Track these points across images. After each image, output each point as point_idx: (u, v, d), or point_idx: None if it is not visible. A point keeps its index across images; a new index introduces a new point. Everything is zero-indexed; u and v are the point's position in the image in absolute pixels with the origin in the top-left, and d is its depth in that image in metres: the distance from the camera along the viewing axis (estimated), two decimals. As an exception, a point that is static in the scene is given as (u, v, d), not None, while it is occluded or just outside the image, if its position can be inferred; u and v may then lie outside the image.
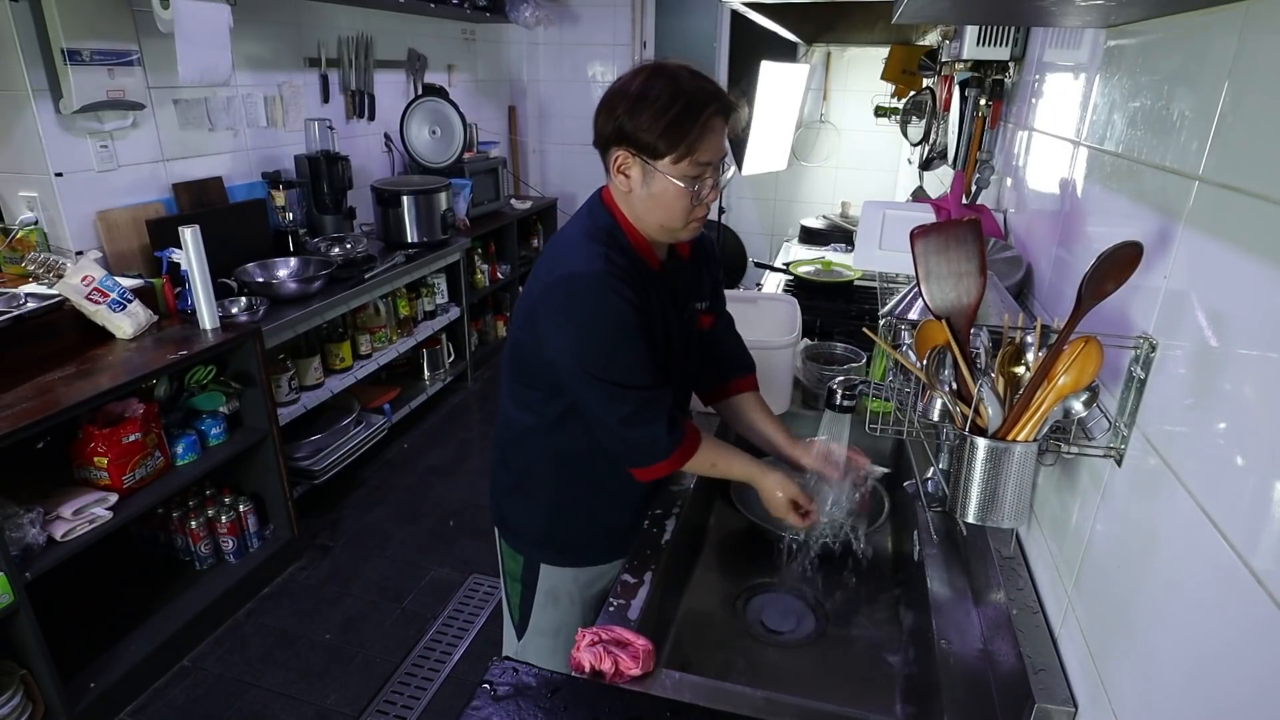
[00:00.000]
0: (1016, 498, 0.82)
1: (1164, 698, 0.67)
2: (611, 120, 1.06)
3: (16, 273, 2.15)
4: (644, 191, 1.08)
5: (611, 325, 1.06)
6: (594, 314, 1.05)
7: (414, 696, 2.07)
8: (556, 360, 1.10)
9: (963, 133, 1.96)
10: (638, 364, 1.09)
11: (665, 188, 1.07)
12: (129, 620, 2.13)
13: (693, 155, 1.04)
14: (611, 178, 1.12)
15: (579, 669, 0.93)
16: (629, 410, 1.09)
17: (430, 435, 3.50)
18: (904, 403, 1.00)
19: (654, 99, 1.02)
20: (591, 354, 1.07)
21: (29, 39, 2.09)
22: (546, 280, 1.09)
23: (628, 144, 1.06)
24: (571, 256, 1.09)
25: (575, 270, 1.06)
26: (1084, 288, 0.75)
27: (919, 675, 1.13)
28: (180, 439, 2.15)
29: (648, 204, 1.10)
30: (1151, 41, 0.89)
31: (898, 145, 4.07)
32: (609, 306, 1.05)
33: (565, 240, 1.15)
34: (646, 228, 1.13)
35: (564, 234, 1.17)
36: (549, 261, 1.13)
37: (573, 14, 4.58)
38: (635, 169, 1.07)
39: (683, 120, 1.02)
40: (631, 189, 1.09)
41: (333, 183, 3.10)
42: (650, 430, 1.12)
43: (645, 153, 1.05)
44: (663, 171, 1.05)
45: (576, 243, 1.11)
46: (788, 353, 1.55)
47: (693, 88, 1.03)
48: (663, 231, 1.13)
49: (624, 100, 1.04)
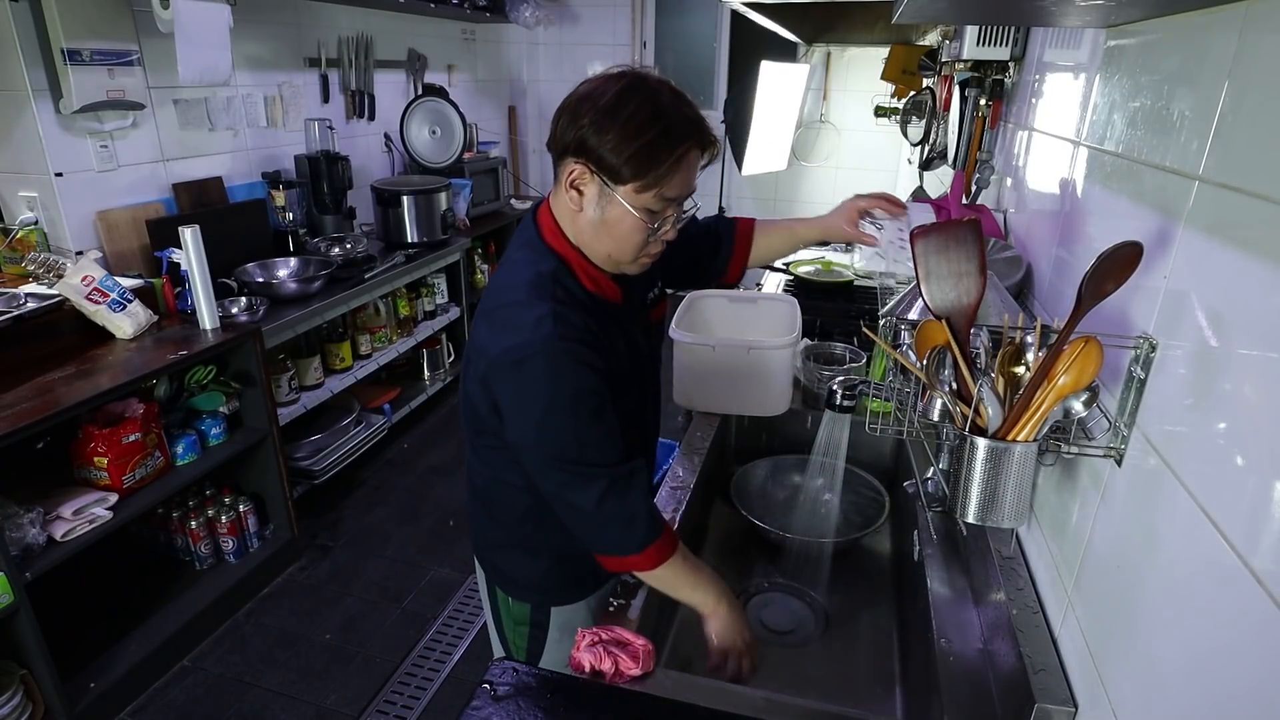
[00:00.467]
0: (1016, 498, 0.82)
1: (1164, 697, 0.67)
2: (574, 127, 0.92)
3: (16, 273, 2.15)
4: (595, 214, 0.95)
5: (573, 401, 0.93)
6: (552, 391, 0.93)
7: (414, 696, 2.07)
8: (516, 442, 0.99)
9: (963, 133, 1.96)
10: (607, 438, 0.97)
11: (621, 216, 0.94)
12: (129, 620, 2.14)
13: (659, 188, 0.92)
14: (559, 190, 0.98)
15: (579, 669, 0.93)
16: (603, 486, 0.96)
17: (430, 435, 3.50)
18: (904, 403, 1.00)
19: (628, 117, 0.89)
20: (554, 436, 0.95)
21: (29, 39, 2.09)
22: (493, 351, 0.95)
23: (588, 158, 0.92)
24: (516, 319, 0.94)
25: (522, 340, 0.92)
26: (1084, 288, 0.75)
27: (919, 675, 1.13)
28: (180, 439, 2.15)
29: (597, 229, 0.97)
30: (1151, 41, 0.89)
31: (898, 145, 4.07)
32: (568, 380, 0.93)
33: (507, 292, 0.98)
34: (591, 255, 1.00)
35: (505, 280, 1.00)
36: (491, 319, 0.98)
37: (573, 14, 4.58)
38: (591, 188, 0.94)
39: (656, 148, 0.90)
40: (582, 209, 0.96)
41: (333, 183, 3.10)
42: (629, 505, 0.99)
43: (606, 173, 0.92)
44: (622, 199, 0.93)
45: (519, 301, 0.95)
46: (788, 353, 1.55)
47: (674, 114, 0.91)
48: (609, 262, 1.01)
49: (591, 109, 0.91)
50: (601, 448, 0.97)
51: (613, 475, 0.97)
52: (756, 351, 1.49)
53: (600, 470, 0.97)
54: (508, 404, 0.97)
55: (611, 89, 0.91)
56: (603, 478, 0.97)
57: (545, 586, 1.20)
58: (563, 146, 0.95)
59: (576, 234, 0.99)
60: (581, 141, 0.92)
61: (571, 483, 0.97)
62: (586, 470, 0.96)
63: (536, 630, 1.22)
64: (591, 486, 0.96)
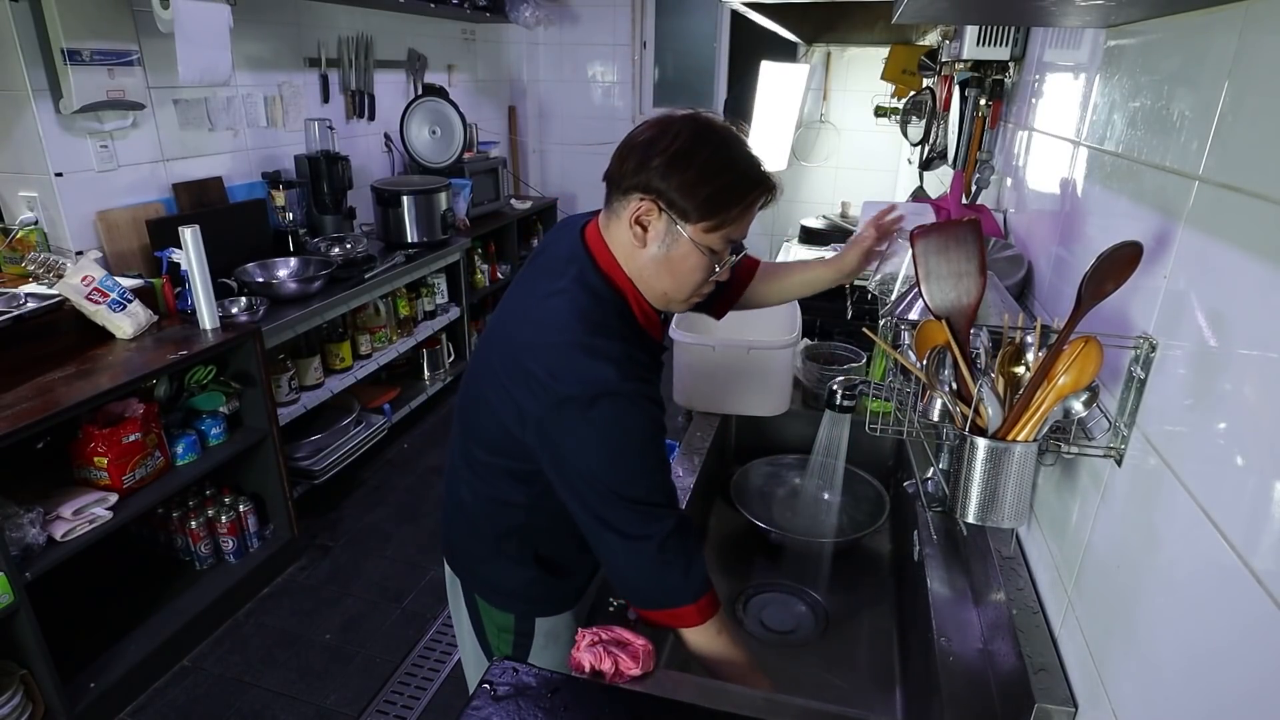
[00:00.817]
0: (1016, 498, 0.82)
1: (1164, 698, 0.67)
2: (644, 169, 0.93)
3: (16, 273, 2.15)
4: (659, 251, 0.96)
5: (648, 441, 0.94)
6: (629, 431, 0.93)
7: (414, 696, 2.07)
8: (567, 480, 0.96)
9: (963, 133, 1.95)
10: (669, 479, 0.99)
11: (687, 254, 0.95)
12: (129, 620, 2.14)
13: (727, 230, 0.95)
14: (621, 225, 0.97)
15: (579, 669, 0.93)
16: (670, 527, 0.95)
17: (430, 435, 3.50)
18: (904, 403, 1.00)
19: (702, 161, 0.92)
20: (628, 476, 0.94)
21: (29, 39, 2.09)
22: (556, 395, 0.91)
23: (657, 196, 0.93)
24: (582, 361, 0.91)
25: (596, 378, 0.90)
26: (1084, 288, 0.75)
27: (919, 675, 1.13)
28: (180, 439, 2.15)
29: (659, 266, 0.97)
30: (1151, 41, 0.89)
31: (898, 145, 4.07)
32: (645, 420, 0.93)
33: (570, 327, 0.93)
34: (645, 290, 1.00)
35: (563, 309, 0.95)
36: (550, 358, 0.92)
37: (573, 14, 4.58)
38: (659, 224, 0.95)
39: (731, 193, 0.94)
40: (645, 245, 0.96)
41: (333, 183, 3.10)
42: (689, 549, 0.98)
43: (676, 212, 0.93)
44: (690, 236, 0.94)
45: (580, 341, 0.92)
46: (788, 353, 1.55)
47: (746, 163, 0.96)
48: (661, 299, 1.01)
49: (663, 153, 0.92)
50: (668, 489, 0.98)
51: (679, 518, 0.97)
52: (756, 351, 1.49)
53: (668, 511, 0.96)
54: (574, 442, 0.93)
55: (683, 136, 0.93)
56: (670, 518, 0.96)
57: (530, 597, 1.17)
58: (630, 184, 0.95)
59: (636, 269, 0.99)
60: (652, 180, 0.93)
61: (638, 521, 0.95)
62: (656, 510, 0.95)
63: (521, 638, 1.19)
64: (659, 525, 0.95)
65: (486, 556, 1.15)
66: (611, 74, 4.69)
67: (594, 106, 4.78)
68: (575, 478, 0.95)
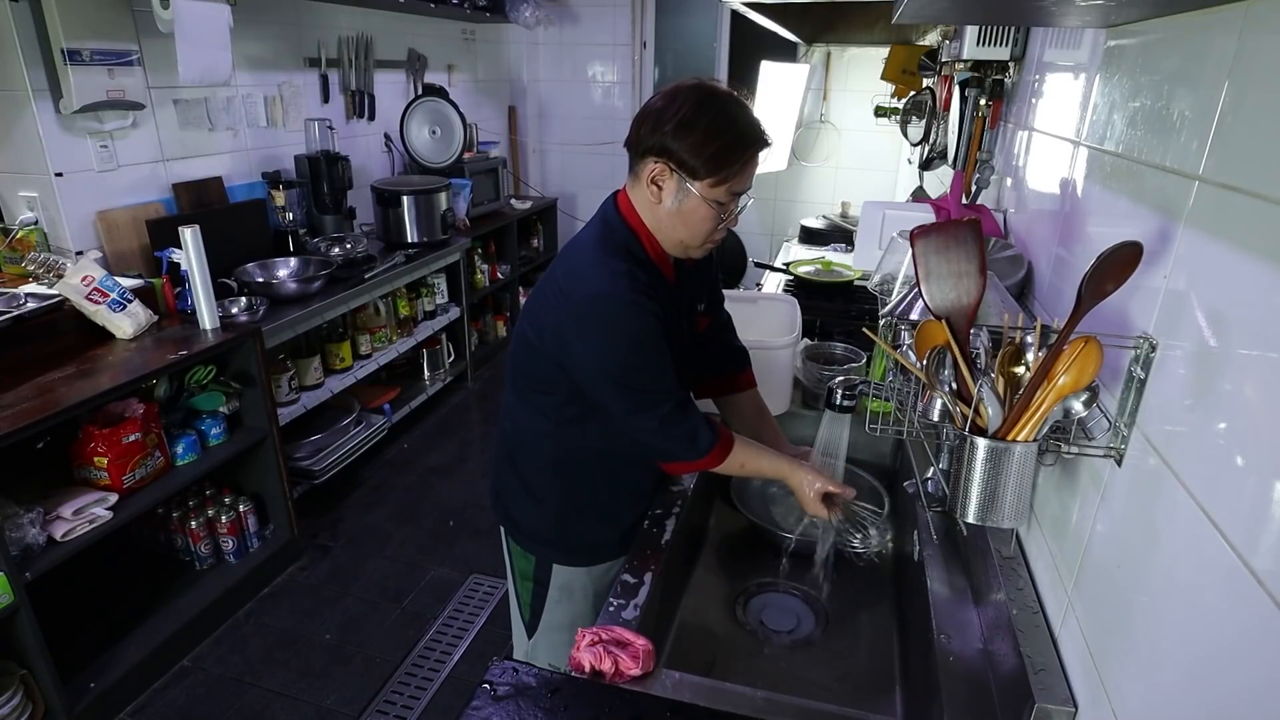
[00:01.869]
0: (1016, 498, 0.82)
1: (1164, 698, 0.67)
2: (656, 133, 1.07)
3: (16, 273, 2.15)
4: (673, 206, 1.11)
5: (640, 338, 1.09)
6: (624, 329, 1.08)
7: (414, 696, 2.07)
8: (584, 373, 1.13)
9: (963, 133, 1.96)
10: (665, 370, 1.13)
11: (696, 207, 1.10)
12: (129, 620, 2.13)
13: (730, 184, 1.08)
14: (640, 185, 1.13)
15: (579, 669, 0.93)
16: (667, 409, 1.13)
17: (430, 435, 3.50)
18: (904, 403, 1.00)
19: (705, 125, 1.05)
20: (623, 366, 1.10)
21: (29, 39, 2.09)
22: (570, 299, 1.10)
23: (668, 158, 1.07)
24: (592, 274, 1.10)
25: (599, 290, 1.08)
26: (1084, 288, 0.75)
27: (919, 675, 1.13)
28: (180, 439, 2.15)
29: (674, 219, 1.12)
30: (1151, 41, 0.89)
31: (898, 145, 4.07)
32: (636, 321, 1.08)
33: (582, 253, 1.15)
34: (665, 240, 1.16)
35: (580, 245, 1.18)
36: (567, 276, 1.14)
37: (573, 14, 4.58)
38: (670, 183, 1.09)
39: (731, 150, 1.06)
40: (662, 201, 1.11)
41: (333, 183, 3.10)
42: (690, 423, 1.16)
43: (685, 171, 1.07)
44: (698, 192, 1.08)
45: (596, 258, 1.12)
46: (788, 353, 1.55)
47: (745, 121, 1.08)
48: (679, 247, 1.16)
49: (672, 119, 1.06)
50: (661, 377, 1.13)
51: (675, 400, 1.15)
52: (756, 351, 1.49)
53: (663, 395, 1.13)
54: (579, 339, 1.10)
55: (688, 105, 1.06)
56: (666, 402, 1.13)
57: (550, 540, 1.32)
58: (645, 148, 1.10)
59: (654, 222, 1.14)
60: (663, 144, 1.07)
61: (640, 404, 1.13)
62: (650, 396, 1.13)
63: (539, 587, 1.34)
64: (656, 408, 1.13)
65: (516, 490, 1.33)
66: (611, 74, 4.69)
67: (594, 106, 4.78)
68: (588, 369, 1.12)
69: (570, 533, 1.32)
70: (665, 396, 1.14)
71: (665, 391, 1.14)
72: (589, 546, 1.34)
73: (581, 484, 1.29)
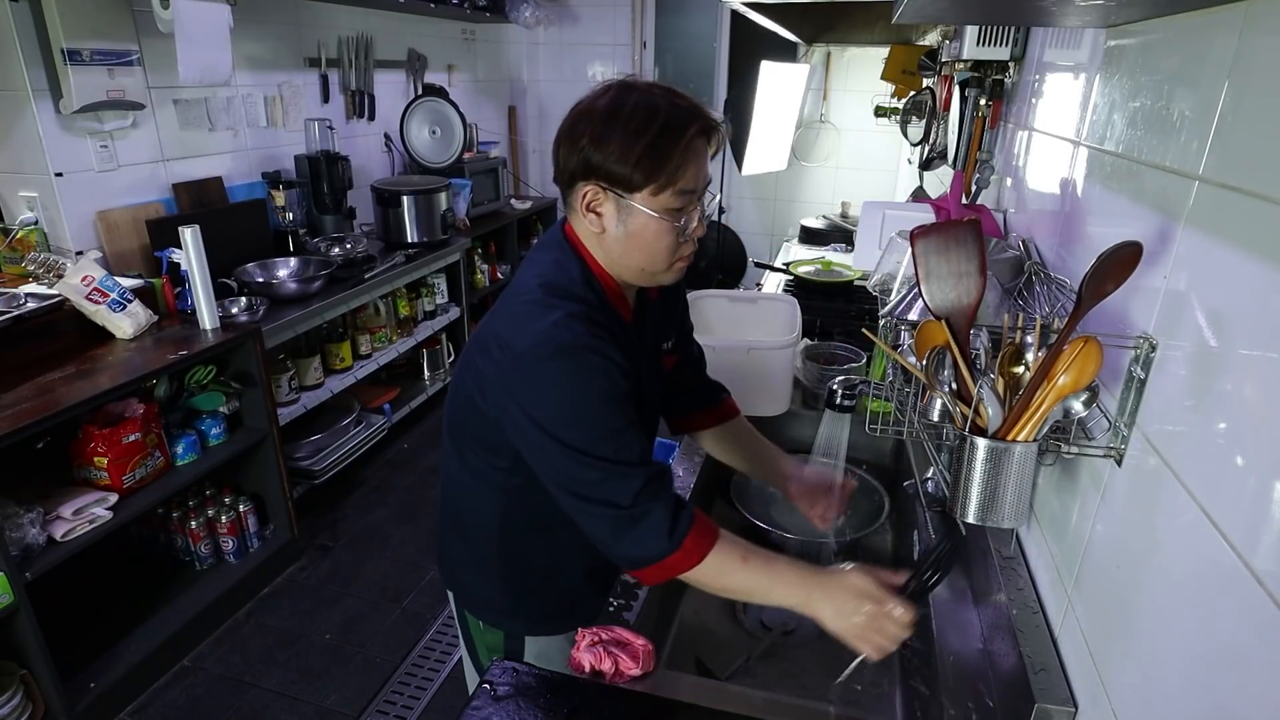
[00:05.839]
0: (1016, 498, 0.82)
1: (1164, 698, 0.67)
2: (575, 152, 0.91)
3: (16, 273, 2.15)
4: (619, 231, 0.93)
5: (604, 397, 0.90)
6: (583, 390, 0.89)
7: (414, 696, 2.07)
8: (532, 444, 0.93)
9: (963, 133, 1.95)
10: (637, 437, 0.93)
11: (645, 225, 0.92)
12: (129, 620, 2.14)
13: (675, 184, 0.90)
14: (578, 217, 0.96)
15: (579, 669, 0.93)
16: (639, 484, 0.90)
17: (430, 435, 3.50)
18: (904, 403, 1.00)
19: (625, 121, 0.88)
20: (585, 432, 0.89)
21: (29, 39, 2.09)
22: (511, 350, 0.91)
23: (596, 177, 0.91)
24: (539, 319, 0.90)
25: (548, 338, 0.88)
26: (1084, 288, 0.75)
27: (919, 675, 1.13)
28: (180, 439, 2.15)
29: (625, 245, 0.94)
30: (1151, 41, 0.89)
31: (898, 145, 4.07)
32: (598, 379, 0.89)
33: (525, 294, 0.94)
34: (623, 272, 0.98)
35: (523, 286, 0.97)
36: (508, 322, 0.94)
37: (573, 14, 4.58)
38: (608, 205, 0.92)
39: (661, 144, 0.88)
40: (605, 229, 0.94)
41: (333, 183, 3.09)
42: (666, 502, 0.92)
43: (619, 186, 0.90)
44: (641, 206, 0.91)
45: (540, 300, 0.92)
46: (788, 353, 1.55)
47: (668, 106, 0.89)
48: (643, 276, 0.98)
49: (589, 125, 0.90)
50: (632, 446, 0.92)
51: (648, 473, 0.92)
52: (756, 351, 1.49)
53: (635, 469, 0.91)
54: (532, 397, 0.90)
55: (602, 100, 0.91)
56: (638, 476, 0.90)
57: (514, 612, 1.15)
58: (570, 174, 0.94)
59: (605, 255, 0.97)
60: (586, 162, 0.91)
61: (604, 481, 0.90)
62: (620, 468, 0.90)
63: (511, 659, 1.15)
64: (628, 483, 0.90)
65: (469, 561, 1.15)
66: (611, 74, 4.65)
67: (594, 106, 4.78)
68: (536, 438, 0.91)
69: (537, 601, 1.15)
70: (637, 470, 0.90)
71: (637, 463, 0.91)
72: (561, 613, 1.17)
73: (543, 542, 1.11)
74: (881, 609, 0.89)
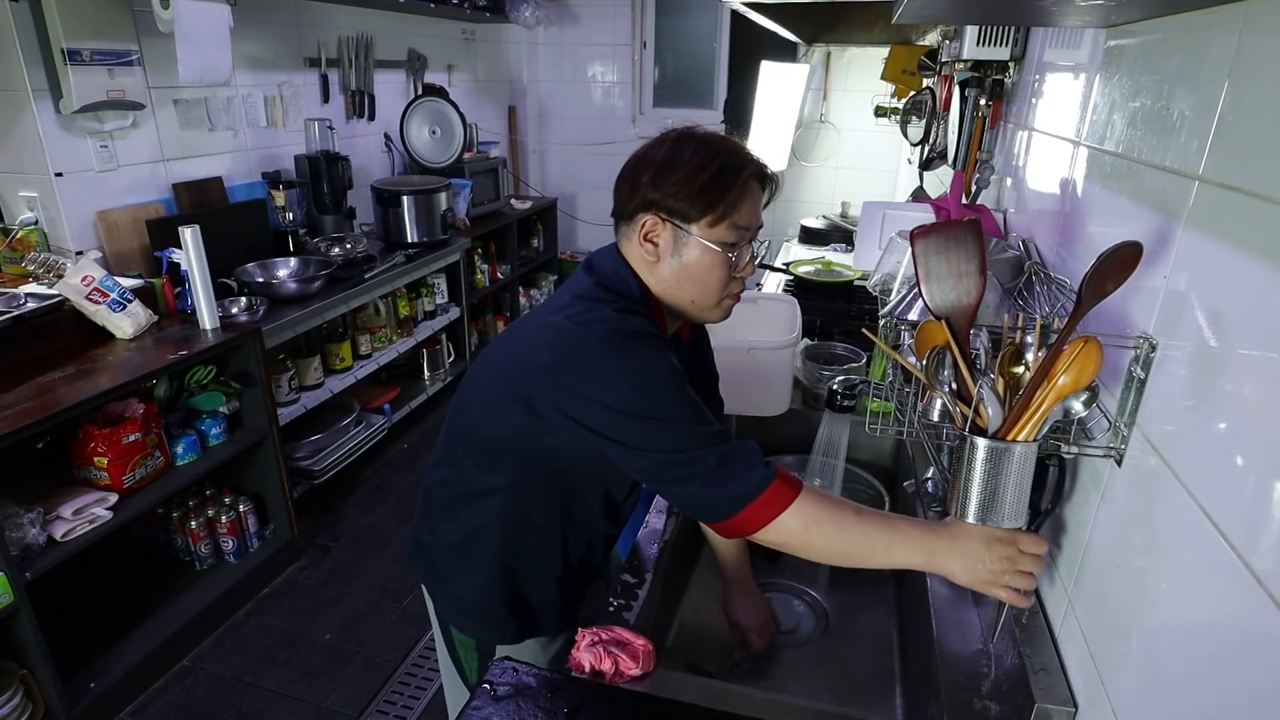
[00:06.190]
0: (1016, 498, 0.82)
1: (1164, 697, 0.67)
2: (637, 190, 0.97)
3: (16, 273, 2.15)
4: (674, 261, 0.98)
5: (671, 371, 0.92)
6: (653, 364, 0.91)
7: (414, 696, 2.07)
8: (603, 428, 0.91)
9: (963, 133, 1.96)
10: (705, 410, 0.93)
11: (700, 256, 0.97)
12: (129, 620, 2.14)
13: (730, 218, 0.95)
14: (633, 245, 1.00)
15: (579, 669, 0.93)
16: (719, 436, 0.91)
17: (430, 435, 3.50)
18: (904, 403, 1.00)
19: (686, 161, 0.95)
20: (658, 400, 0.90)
21: (29, 39, 2.09)
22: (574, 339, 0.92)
23: (656, 209, 0.96)
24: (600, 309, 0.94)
25: (614, 325, 0.91)
26: (1084, 288, 0.75)
27: (919, 675, 1.13)
28: (180, 439, 2.15)
29: (678, 275, 0.99)
30: (1151, 41, 0.89)
31: (898, 145, 4.07)
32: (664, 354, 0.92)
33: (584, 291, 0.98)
34: (674, 303, 1.02)
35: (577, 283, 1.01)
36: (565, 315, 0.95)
37: (573, 14, 4.58)
38: (665, 234, 0.97)
39: (720, 179, 0.94)
40: (660, 258, 0.98)
41: (333, 183, 3.09)
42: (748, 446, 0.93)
43: (677, 217, 0.96)
44: (698, 235, 0.96)
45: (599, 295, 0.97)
46: (788, 353, 1.55)
47: (727, 149, 0.97)
48: (691, 307, 1.02)
49: (650, 167, 0.96)
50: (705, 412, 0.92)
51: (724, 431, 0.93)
52: (756, 351, 1.49)
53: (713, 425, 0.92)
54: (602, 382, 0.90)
55: (664, 147, 0.98)
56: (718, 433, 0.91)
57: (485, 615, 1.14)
58: (631, 208, 0.99)
59: (657, 285, 1.01)
60: (647, 197, 0.96)
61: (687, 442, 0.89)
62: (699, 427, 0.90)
63: (485, 660, 1.16)
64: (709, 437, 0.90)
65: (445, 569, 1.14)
66: (611, 74, 4.69)
67: (594, 106, 4.78)
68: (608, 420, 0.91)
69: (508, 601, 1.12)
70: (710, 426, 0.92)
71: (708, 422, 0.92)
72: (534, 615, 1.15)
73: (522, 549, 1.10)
74: (1012, 548, 0.85)
